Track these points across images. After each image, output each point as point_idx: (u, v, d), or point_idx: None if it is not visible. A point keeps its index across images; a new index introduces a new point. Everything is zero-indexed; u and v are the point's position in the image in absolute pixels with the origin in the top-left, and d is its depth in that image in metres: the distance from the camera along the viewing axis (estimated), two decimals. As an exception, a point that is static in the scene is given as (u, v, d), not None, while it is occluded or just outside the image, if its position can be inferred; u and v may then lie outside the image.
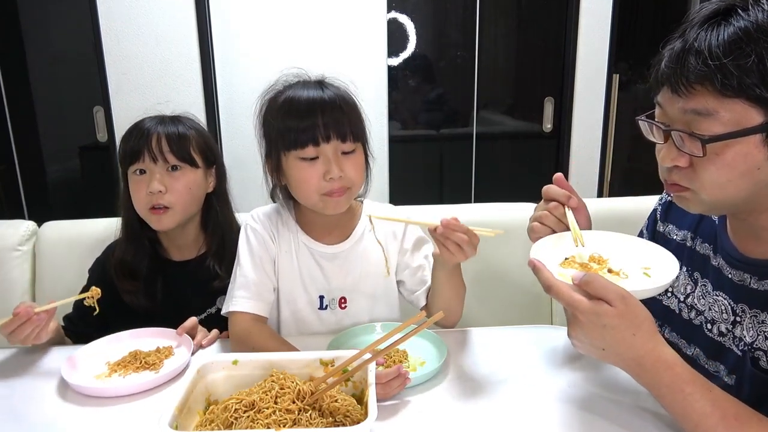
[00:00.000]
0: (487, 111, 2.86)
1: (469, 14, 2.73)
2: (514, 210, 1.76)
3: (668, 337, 1.03)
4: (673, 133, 0.80)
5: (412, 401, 0.96)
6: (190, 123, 1.38)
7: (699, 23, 0.77)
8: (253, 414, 0.77)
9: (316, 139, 1.10)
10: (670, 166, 0.83)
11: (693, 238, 1.01)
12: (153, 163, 1.30)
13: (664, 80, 0.80)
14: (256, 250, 1.22)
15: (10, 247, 1.61)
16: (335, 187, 1.13)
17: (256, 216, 1.26)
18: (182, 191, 1.31)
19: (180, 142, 1.32)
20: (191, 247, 1.41)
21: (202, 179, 1.36)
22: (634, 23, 3.02)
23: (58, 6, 2.61)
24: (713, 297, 0.94)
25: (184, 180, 1.31)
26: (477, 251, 1.04)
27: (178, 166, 1.31)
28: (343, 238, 1.26)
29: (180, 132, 1.33)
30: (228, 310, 1.18)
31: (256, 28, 2.46)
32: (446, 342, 1.10)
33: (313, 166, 1.12)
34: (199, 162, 1.34)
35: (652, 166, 0.89)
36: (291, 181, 1.17)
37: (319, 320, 1.27)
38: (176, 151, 1.30)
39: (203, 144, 1.36)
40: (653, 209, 1.15)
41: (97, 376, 1.06)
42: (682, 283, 1.01)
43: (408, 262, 1.29)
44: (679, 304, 1.01)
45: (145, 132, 1.31)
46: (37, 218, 1.71)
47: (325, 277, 1.25)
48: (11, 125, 2.66)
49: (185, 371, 1.08)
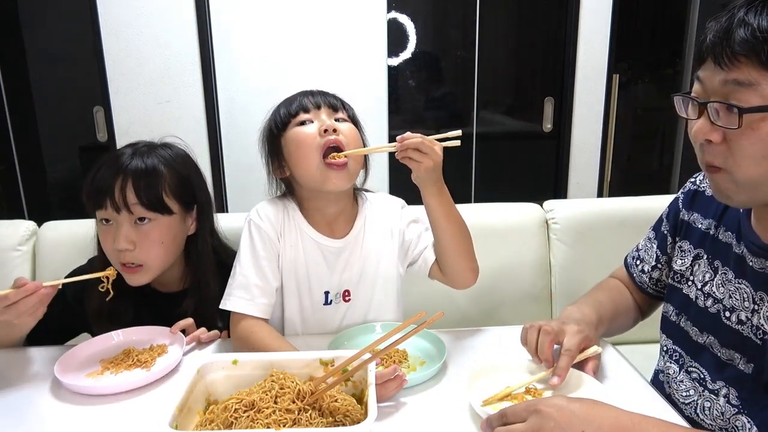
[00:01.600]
0: (487, 111, 2.86)
1: (469, 14, 2.73)
2: (514, 210, 1.76)
3: (683, 325, 1.04)
4: (709, 106, 0.78)
5: (411, 401, 0.96)
6: (168, 155, 1.20)
7: (747, 2, 0.77)
8: (253, 414, 0.78)
9: (307, 107, 1.18)
10: (702, 142, 0.81)
11: (717, 227, 1.01)
12: (117, 213, 1.13)
13: (709, 51, 0.79)
14: (259, 248, 1.20)
15: (10, 247, 1.61)
16: (331, 139, 1.15)
17: (262, 212, 1.23)
18: (153, 246, 1.15)
19: (148, 189, 1.13)
20: (176, 282, 1.29)
21: (179, 225, 1.20)
22: (634, 23, 3.02)
23: (58, 6, 2.61)
24: (734, 285, 0.94)
25: (155, 233, 1.15)
26: (440, 155, 1.09)
27: (146, 218, 1.14)
28: (346, 231, 1.26)
29: (149, 175, 1.14)
30: (228, 308, 1.18)
31: (256, 29, 2.46)
32: (446, 342, 1.10)
33: (310, 127, 1.17)
34: (174, 208, 1.17)
35: (652, 166, 0.89)
36: (292, 155, 1.18)
37: (324, 316, 1.26)
38: (145, 201, 1.13)
39: (179, 185, 1.19)
40: (674, 197, 1.14)
41: (89, 375, 1.07)
42: (701, 270, 1.02)
43: (408, 240, 1.30)
44: (696, 291, 1.01)
45: (108, 176, 1.13)
46: (37, 218, 1.71)
47: (331, 272, 1.25)
48: (11, 125, 2.66)
49: (177, 369, 1.08)
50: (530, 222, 1.73)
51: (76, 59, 2.62)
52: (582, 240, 1.71)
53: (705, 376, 0.97)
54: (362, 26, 2.52)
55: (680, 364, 1.04)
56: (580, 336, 1.00)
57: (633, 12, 2.98)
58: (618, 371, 1.05)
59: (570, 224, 1.72)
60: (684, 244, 1.08)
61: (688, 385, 1.00)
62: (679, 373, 1.03)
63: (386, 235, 1.29)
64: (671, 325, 1.07)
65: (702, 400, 0.97)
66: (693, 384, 0.99)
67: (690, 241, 1.07)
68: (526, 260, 1.71)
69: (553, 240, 1.73)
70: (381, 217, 1.30)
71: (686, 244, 1.08)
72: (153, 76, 2.43)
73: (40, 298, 1.04)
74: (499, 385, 0.96)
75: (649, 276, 1.18)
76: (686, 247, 1.07)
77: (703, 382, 0.97)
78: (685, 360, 1.03)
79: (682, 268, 1.07)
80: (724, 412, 0.92)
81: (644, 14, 3.06)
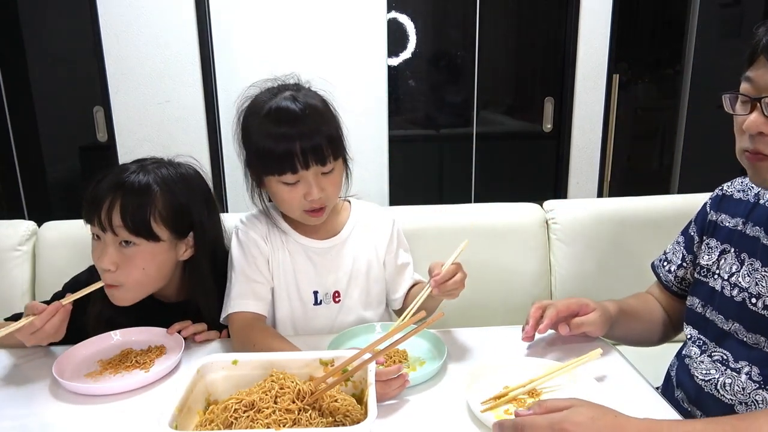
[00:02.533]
0: (487, 111, 2.86)
1: (469, 14, 2.73)
2: (514, 210, 1.76)
3: (708, 315, 1.07)
4: (762, 101, 0.85)
5: (412, 401, 0.96)
6: (170, 177, 1.16)
7: None
8: (252, 414, 0.77)
9: (295, 167, 1.10)
10: (753, 135, 0.86)
11: (744, 223, 1.06)
12: (103, 233, 1.11)
13: (764, 50, 0.84)
14: (249, 251, 1.23)
15: (10, 247, 1.61)
16: (315, 206, 1.16)
17: (246, 220, 1.28)
18: (132, 271, 1.12)
19: (135, 213, 1.10)
20: (175, 295, 1.27)
21: (166, 252, 1.16)
22: (634, 23, 3.02)
23: (58, 6, 2.61)
24: (761, 273, 0.98)
25: (139, 258, 1.12)
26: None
27: (130, 241, 1.11)
28: (333, 233, 1.28)
29: (140, 196, 1.11)
30: (227, 313, 1.19)
31: (256, 29, 2.46)
32: (446, 342, 1.10)
33: (294, 189, 1.14)
34: (162, 235, 1.13)
35: (652, 166, 0.91)
36: (273, 197, 1.20)
37: (315, 316, 1.28)
38: (130, 225, 1.09)
39: (171, 211, 1.14)
40: (703, 204, 1.19)
41: (88, 375, 1.07)
42: (728, 263, 1.05)
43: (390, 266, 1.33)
44: (723, 282, 1.05)
45: (103, 192, 1.11)
46: (37, 218, 1.71)
47: (318, 272, 1.27)
48: (11, 125, 2.66)
49: (176, 370, 1.08)
50: (530, 222, 1.73)
51: (76, 59, 2.61)
52: (582, 240, 1.71)
53: (728, 358, 1.00)
54: (362, 26, 2.51)
55: (703, 349, 1.06)
56: (569, 300, 1.11)
57: (633, 12, 2.98)
58: (624, 376, 1.05)
59: (570, 224, 1.72)
60: (711, 242, 1.12)
61: (709, 366, 1.03)
62: (700, 355, 1.06)
63: (377, 241, 1.31)
64: (696, 315, 1.10)
65: (724, 378, 0.99)
66: (715, 365, 1.02)
67: (717, 238, 1.11)
68: (526, 260, 1.70)
69: (553, 240, 1.73)
70: (372, 223, 1.32)
71: (713, 242, 1.11)
72: (153, 76, 2.43)
73: (63, 317, 1.07)
74: (497, 385, 0.96)
75: (675, 275, 1.22)
76: (713, 244, 1.11)
77: (726, 363, 1.00)
78: (708, 346, 1.05)
79: (709, 263, 1.10)
80: (745, 388, 0.96)
81: (644, 14, 3.06)
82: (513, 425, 0.78)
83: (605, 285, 1.67)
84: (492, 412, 0.90)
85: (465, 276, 1.10)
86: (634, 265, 1.26)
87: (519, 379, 0.97)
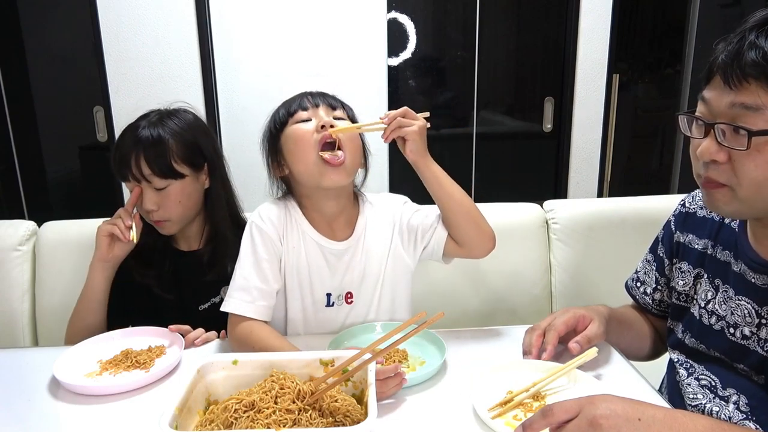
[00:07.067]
0: (487, 111, 2.86)
1: (469, 14, 2.73)
2: (514, 210, 1.76)
3: (688, 342, 1.04)
4: (716, 126, 0.81)
5: (412, 401, 0.96)
6: (175, 125, 1.36)
7: (758, 25, 0.78)
8: (253, 414, 0.77)
9: (305, 105, 1.21)
10: (707, 162, 0.83)
11: (713, 246, 1.02)
12: (138, 184, 1.32)
13: (719, 69, 0.80)
14: (260, 251, 1.20)
15: (10, 247, 1.61)
16: (327, 134, 1.16)
17: (264, 215, 1.23)
18: (173, 206, 1.34)
19: (159, 159, 1.30)
20: (196, 238, 1.44)
21: (193, 184, 1.37)
22: (634, 23, 3.02)
23: (58, 6, 2.60)
24: (735, 302, 0.95)
25: (172, 195, 1.33)
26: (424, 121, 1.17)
27: (163, 186, 1.32)
28: (348, 233, 1.26)
29: (158, 146, 1.31)
30: (227, 310, 1.18)
31: (256, 29, 2.46)
32: (446, 342, 1.10)
33: (308, 124, 1.19)
34: (185, 171, 1.33)
35: (652, 166, 0.90)
36: (290, 152, 1.20)
37: (326, 317, 1.26)
38: (158, 171, 1.30)
39: (185, 150, 1.34)
40: (666, 221, 1.16)
41: (88, 375, 1.07)
42: (703, 289, 1.02)
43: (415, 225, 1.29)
44: (700, 310, 1.02)
45: (125, 156, 1.31)
46: (37, 218, 1.71)
47: (333, 273, 1.25)
48: (11, 125, 2.66)
49: (176, 370, 1.08)
50: (530, 222, 1.73)
51: (76, 59, 2.61)
52: (582, 240, 1.71)
53: (716, 384, 0.98)
54: (362, 26, 2.51)
55: (690, 372, 1.04)
56: (566, 315, 1.07)
57: (633, 12, 2.98)
58: (624, 377, 1.05)
59: (570, 224, 1.72)
60: (683, 265, 1.09)
61: (697, 390, 1.00)
62: (687, 377, 1.03)
63: (389, 234, 1.29)
64: (679, 340, 1.08)
65: (711, 405, 0.97)
66: (702, 390, 0.99)
67: (688, 261, 1.08)
68: (527, 260, 1.71)
69: (553, 240, 1.73)
70: (383, 217, 1.30)
71: (685, 265, 1.08)
72: (153, 76, 2.43)
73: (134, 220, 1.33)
74: (500, 389, 0.96)
75: (652, 298, 1.19)
76: (685, 267, 1.08)
77: (713, 389, 0.98)
78: (696, 369, 1.03)
79: (685, 288, 1.07)
80: (732, 417, 0.92)
81: (644, 14, 3.06)
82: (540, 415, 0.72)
83: (605, 285, 1.67)
84: (501, 418, 0.89)
85: (410, 114, 1.17)
86: (634, 265, 1.25)
87: (521, 381, 0.97)
